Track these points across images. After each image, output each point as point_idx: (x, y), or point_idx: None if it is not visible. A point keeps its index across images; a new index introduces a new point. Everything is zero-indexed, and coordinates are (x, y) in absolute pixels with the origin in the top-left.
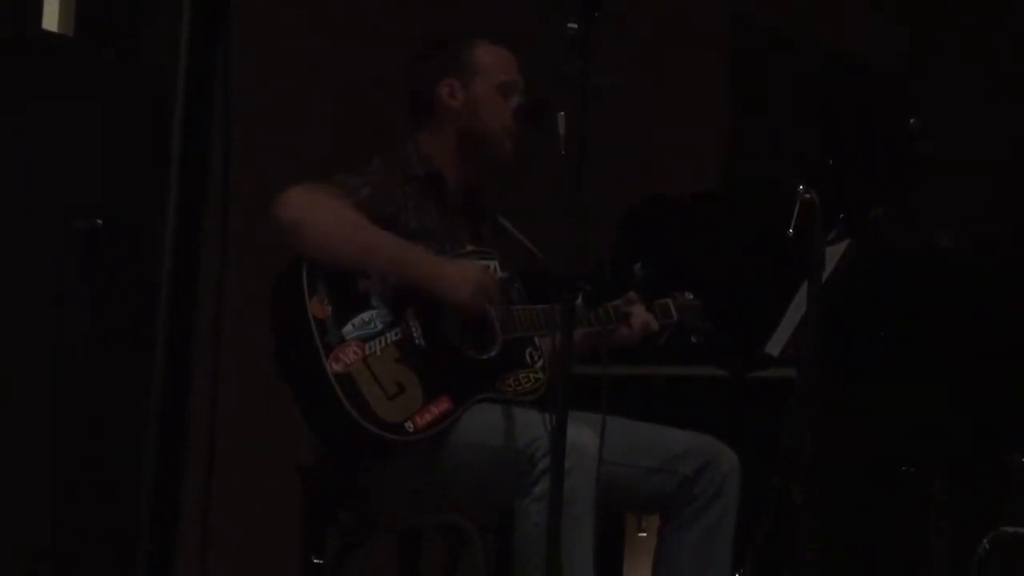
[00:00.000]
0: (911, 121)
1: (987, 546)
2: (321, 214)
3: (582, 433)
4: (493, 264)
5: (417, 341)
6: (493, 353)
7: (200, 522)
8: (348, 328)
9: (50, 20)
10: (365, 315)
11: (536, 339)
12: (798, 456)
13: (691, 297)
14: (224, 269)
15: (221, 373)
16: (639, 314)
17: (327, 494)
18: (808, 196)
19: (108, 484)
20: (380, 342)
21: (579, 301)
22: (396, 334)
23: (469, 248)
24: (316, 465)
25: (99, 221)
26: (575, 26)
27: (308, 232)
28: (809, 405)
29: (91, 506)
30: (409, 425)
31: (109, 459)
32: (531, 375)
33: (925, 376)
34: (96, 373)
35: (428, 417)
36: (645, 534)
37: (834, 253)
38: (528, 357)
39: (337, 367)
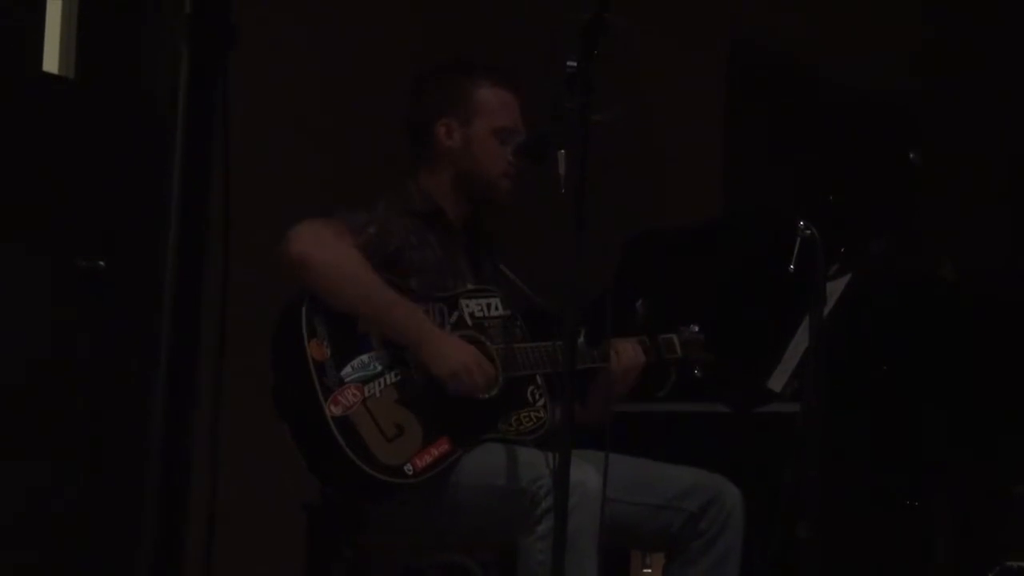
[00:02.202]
0: (911, 155)
1: None
2: (328, 253)
3: (585, 471)
4: (495, 301)
5: (417, 382)
6: (495, 392)
7: (203, 561)
8: (347, 370)
9: (51, 62)
10: (364, 357)
11: (538, 377)
12: (802, 490)
13: (695, 330)
14: (226, 308)
15: (224, 411)
16: (623, 349)
17: (331, 533)
18: (809, 232)
19: (110, 524)
20: (379, 384)
21: (581, 339)
22: (395, 375)
23: (470, 287)
24: (320, 504)
25: (101, 262)
26: (574, 64)
27: (313, 269)
28: (812, 439)
29: (93, 547)
30: (408, 468)
31: (111, 497)
32: (532, 414)
33: (929, 409)
34: (97, 411)
35: (428, 459)
36: (650, 571)
37: (835, 288)
38: (530, 396)
39: (336, 410)
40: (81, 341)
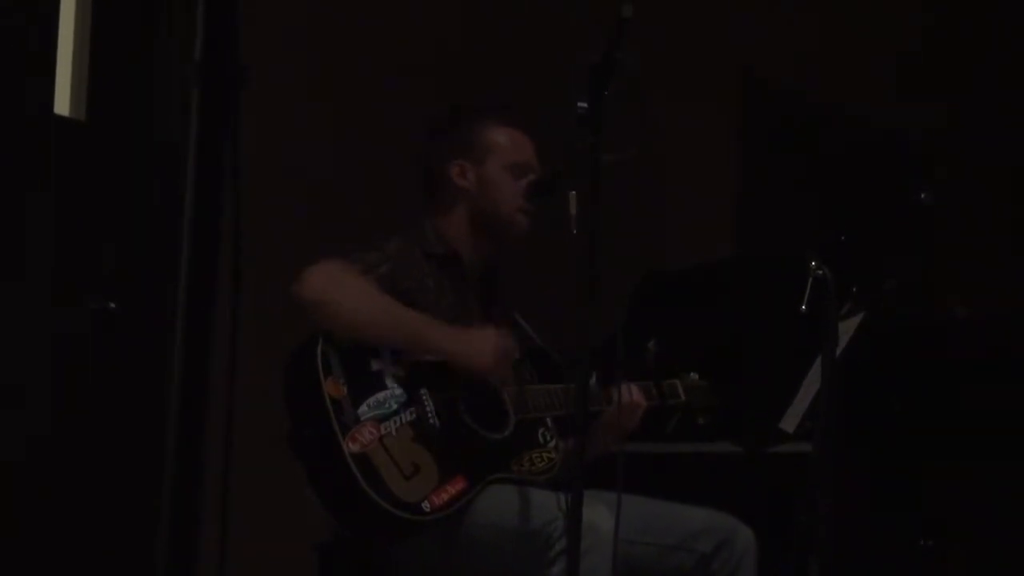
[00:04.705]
0: (922, 195)
1: None
2: (345, 292)
3: (598, 513)
4: None
5: (432, 421)
6: (507, 433)
7: None
8: (363, 408)
9: (62, 105)
10: (380, 395)
11: (549, 419)
12: (815, 531)
13: (697, 377)
14: (237, 348)
15: (234, 450)
16: (623, 391)
17: (343, 573)
18: (821, 272)
19: (121, 565)
20: (395, 422)
21: (593, 380)
22: (411, 414)
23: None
24: (332, 543)
25: (112, 304)
26: (585, 105)
27: (332, 310)
28: (825, 480)
29: None
30: (426, 505)
31: (121, 538)
32: (544, 455)
33: (941, 448)
34: (107, 451)
35: (444, 496)
36: None
37: (848, 327)
38: (541, 437)
39: (354, 447)
40: (91, 383)
